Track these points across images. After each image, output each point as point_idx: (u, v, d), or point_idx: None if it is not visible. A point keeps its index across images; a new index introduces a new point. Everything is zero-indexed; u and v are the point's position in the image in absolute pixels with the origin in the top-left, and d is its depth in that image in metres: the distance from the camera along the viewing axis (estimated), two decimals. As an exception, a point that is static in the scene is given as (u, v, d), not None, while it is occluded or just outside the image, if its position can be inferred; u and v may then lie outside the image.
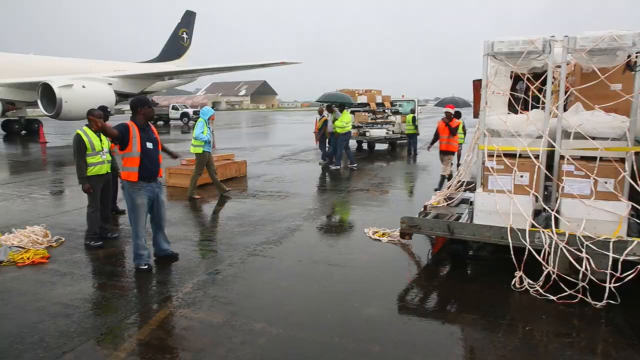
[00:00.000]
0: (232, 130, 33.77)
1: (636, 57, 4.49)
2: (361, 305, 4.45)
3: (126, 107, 56.55)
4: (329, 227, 7.66)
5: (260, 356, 3.59)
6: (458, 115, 13.58)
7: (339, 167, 13.57)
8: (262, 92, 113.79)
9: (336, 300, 4.61)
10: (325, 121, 14.71)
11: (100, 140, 6.54)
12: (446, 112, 10.06)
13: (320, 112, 15.49)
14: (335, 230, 7.42)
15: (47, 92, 23.30)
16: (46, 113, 23.92)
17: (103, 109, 7.99)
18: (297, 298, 4.68)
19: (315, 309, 4.43)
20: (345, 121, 13.78)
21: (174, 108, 45.20)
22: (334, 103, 14.71)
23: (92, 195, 6.47)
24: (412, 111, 18.15)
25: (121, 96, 28.22)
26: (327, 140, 14.74)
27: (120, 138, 5.26)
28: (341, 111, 14.16)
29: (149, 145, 5.40)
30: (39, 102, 23.99)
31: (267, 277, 5.22)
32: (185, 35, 41.49)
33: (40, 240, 6.28)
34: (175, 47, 40.91)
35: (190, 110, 44.57)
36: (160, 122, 43.09)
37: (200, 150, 9.49)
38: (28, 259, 5.66)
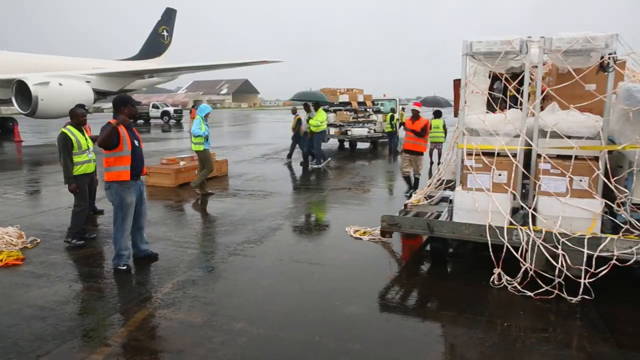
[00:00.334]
0: (213, 129, 33.37)
1: (609, 58, 4.59)
2: (342, 303, 4.46)
3: (105, 105, 55.70)
4: (310, 226, 7.66)
5: (241, 356, 3.57)
6: (439, 114, 13.72)
7: (320, 165, 13.57)
8: (244, 90, 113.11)
9: (317, 299, 4.61)
10: (299, 120, 14.63)
11: (86, 139, 6.46)
12: (412, 110, 9.57)
13: (294, 112, 15.43)
14: (317, 229, 7.42)
15: (22, 90, 22.70)
16: (21, 111, 23.32)
17: (81, 107, 7.84)
18: (278, 297, 4.66)
19: (296, 308, 4.43)
20: (320, 120, 13.75)
21: (155, 107, 44.61)
22: (308, 102, 14.70)
23: (80, 194, 6.36)
24: (393, 110, 18.28)
25: (100, 94, 27.70)
26: (298, 140, 14.66)
27: (115, 139, 5.21)
28: (316, 110, 14.11)
29: (136, 142, 5.43)
30: (13, 99, 23.39)
31: (248, 277, 5.20)
32: (165, 33, 40.94)
33: (14, 241, 6.12)
34: (156, 44, 40.34)
35: (171, 109, 44.05)
36: (141, 121, 42.50)
37: (201, 147, 9.53)
38: (1, 260, 5.52)
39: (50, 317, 4.17)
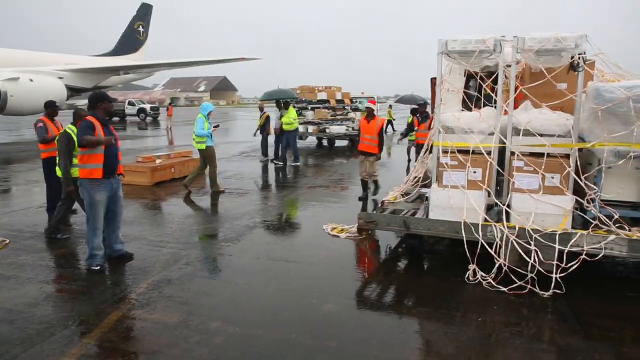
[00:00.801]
0: (190, 126, 33.11)
1: (579, 58, 4.70)
2: (319, 301, 4.46)
3: (79, 102, 54.45)
4: (288, 224, 7.64)
5: (217, 355, 3.54)
6: (415, 112, 13.84)
7: (298, 163, 13.54)
8: (222, 88, 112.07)
9: (294, 297, 4.60)
10: (268, 118, 14.46)
11: None
12: (367, 108, 8.89)
13: (261, 109, 15.13)
14: (294, 227, 7.40)
15: (-10, 86, 22.02)
16: (-11, 108, 22.62)
17: (51, 104, 7.65)
18: (255, 296, 4.64)
19: (272, 306, 4.41)
20: (292, 117, 13.65)
21: (130, 104, 43.86)
22: (278, 99, 14.62)
23: (75, 195, 6.21)
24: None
25: (73, 91, 27.05)
26: (267, 137, 14.50)
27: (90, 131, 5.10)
28: (286, 108, 13.97)
29: (112, 141, 5.30)
30: (-20, 96, 22.65)
31: (225, 275, 5.15)
32: (141, 29, 40.21)
33: (-18, 242, 5.94)
34: (131, 40, 39.58)
35: (147, 106, 43.36)
36: (116, 118, 41.72)
37: (203, 146, 9.56)
38: (-32, 262, 5.35)
39: (18, 320, 4.05)
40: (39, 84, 22.99)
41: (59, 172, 6.39)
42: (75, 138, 6.07)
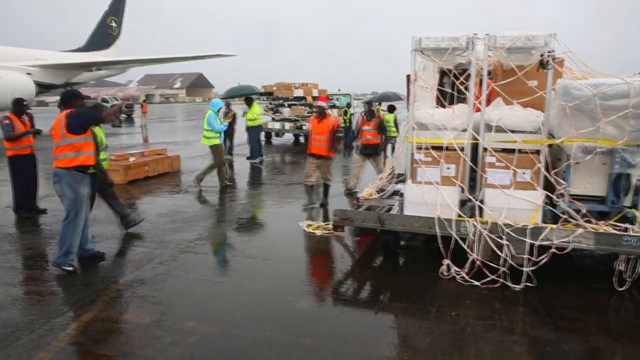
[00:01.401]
0: (166, 124, 32.62)
1: (548, 56, 4.79)
2: (295, 299, 4.45)
3: (49, 99, 53.01)
4: (264, 221, 7.59)
5: (191, 355, 3.49)
6: (392, 109, 13.93)
7: (256, 161, 13.25)
8: (198, 84, 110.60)
9: (270, 295, 4.58)
10: (234, 116, 14.23)
11: (104, 137, 6.39)
12: (318, 107, 8.04)
13: (228, 106, 14.92)
14: (270, 225, 7.36)
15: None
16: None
17: (19, 102, 7.41)
18: (230, 294, 4.60)
19: (248, 304, 4.38)
20: (256, 113, 13.49)
21: (104, 101, 42.80)
22: (240, 96, 14.47)
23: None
24: (348, 105, 18.42)
25: (43, 87, 26.32)
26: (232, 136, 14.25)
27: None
28: (249, 104, 13.75)
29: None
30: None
31: (199, 274, 5.09)
32: (114, 24, 39.32)
33: (-55, 244, 5.73)
34: (104, 36, 38.66)
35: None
36: (88, 115, 40.75)
37: (216, 141, 9.65)
38: None
39: (-17, 324, 3.92)
40: (4, 79, 22.29)
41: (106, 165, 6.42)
42: (95, 133, 6.02)
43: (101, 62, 32.64)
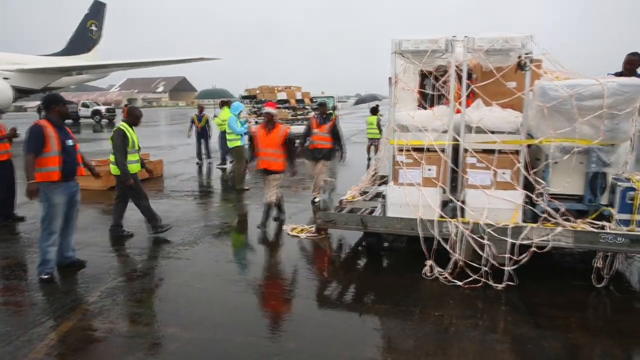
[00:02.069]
0: (149, 128, 32.21)
1: (525, 57, 4.87)
2: (279, 302, 4.44)
3: (28, 104, 52.08)
4: (248, 225, 7.55)
5: (172, 363, 3.45)
6: (375, 111, 14.01)
7: (225, 166, 13.06)
8: (181, 88, 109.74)
9: (253, 299, 4.56)
10: (207, 121, 14.08)
11: (137, 139, 6.51)
12: (266, 114, 6.88)
13: (201, 110, 14.55)
14: (254, 229, 7.29)
15: None
16: None
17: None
18: (213, 299, 4.56)
19: (231, 309, 4.35)
20: (222, 118, 12.96)
21: (85, 105, 42.29)
22: (214, 99, 14.36)
23: (123, 191, 6.51)
24: (334, 108, 18.47)
25: (20, 92, 25.86)
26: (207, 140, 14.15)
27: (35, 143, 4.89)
28: (221, 108, 13.48)
29: (69, 142, 5.15)
30: None
31: (182, 280, 5.04)
32: (94, 28, 38.90)
33: None
34: (84, 39, 38.21)
35: (102, 108, 41.92)
36: (69, 121, 40.17)
37: (237, 143, 9.86)
38: None
39: (-42, 336, 3.82)
40: (-19, 84, 21.86)
41: (114, 170, 6.43)
42: (129, 135, 6.28)
43: (81, 66, 32.28)
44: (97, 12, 39.18)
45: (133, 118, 6.53)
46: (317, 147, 8.33)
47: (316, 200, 8.57)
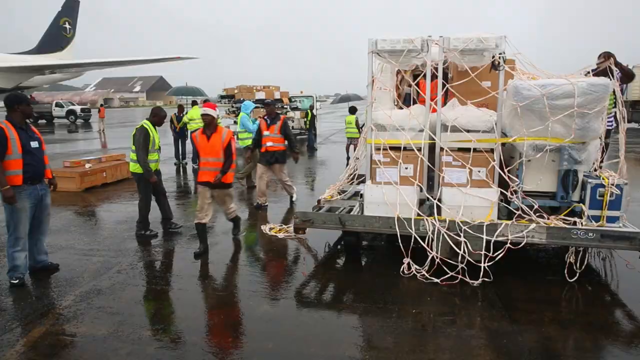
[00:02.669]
0: (125, 128, 31.68)
1: (499, 57, 4.95)
2: (256, 303, 4.42)
3: (-1, 104, 50.67)
4: (225, 225, 7.48)
5: (149, 366, 3.41)
6: (353, 110, 14.08)
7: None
8: (158, 88, 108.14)
9: (231, 300, 4.53)
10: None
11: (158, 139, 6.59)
12: (204, 116, 5.70)
13: (180, 110, 14.27)
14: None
15: None
16: None
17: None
18: (191, 301, 4.51)
19: (208, 310, 4.32)
20: (188, 117, 13.09)
21: (58, 105, 41.34)
22: (185, 97, 14.22)
23: (145, 189, 6.54)
24: (311, 107, 18.50)
25: (-10, 92, 25.15)
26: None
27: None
28: (192, 106, 13.43)
29: (34, 144, 4.96)
30: None
31: (159, 282, 4.97)
32: (67, 25, 38.04)
33: None
34: (57, 37, 37.32)
35: (77, 108, 41.03)
36: (43, 121, 39.23)
37: (250, 142, 9.48)
38: None
39: None
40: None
41: (133, 167, 6.51)
42: (151, 135, 6.38)
43: (54, 65, 31.56)
44: (70, 9, 38.32)
45: (158, 118, 6.57)
46: (269, 150, 7.85)
47: (259, 202, 8.17)
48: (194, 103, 13.72)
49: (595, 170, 5.26)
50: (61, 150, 18.36)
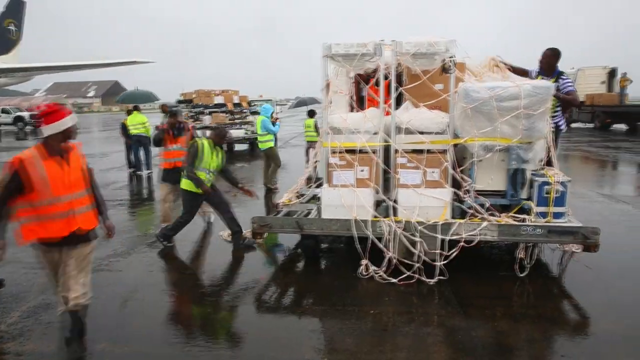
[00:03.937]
0: (79, 135, 30.58)
1: (449, 61, 5.09)
2: (215, 309, 4.36)
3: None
4: (183, 232, 7.32)
5: (101, 381, 3.29)
6: (312, 114, 14.11)
7: (142, 173, 12.52)
8: (114, 92, 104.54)
9: (189, 308, 4.45)
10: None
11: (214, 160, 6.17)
12: (53, 137, 3.75)
13: (129, 113, 13.51)
14: (190, 235, 7.10)
15: None
16: None
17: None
18: (147, 310, 4.40)
19: (166, 320, 4.22)
20: (131, 123, 12.55)
21: (5, 111, 39.36)
22: (131, 103, 13.90)
23: (190, 209, 6.24)
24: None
25: None
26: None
27: None
28: (134, 112, 12.95)
29: None
30: None
31: (113, 293, 4.81)
32: (13, 27, 36.27)
33: None
34: (1, 40, 35.54)
35: (26, 114, 39.18)
36: (-13, 129, 37.25)
37: (271, 144, 10.20)
38: None
39: None
40: None
41: (185, 184, 6.14)
42: (200, 152, 6.04)
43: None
44: (15, 11, 36.57)
45: (218, 139, 6.23)
46: (177, 166, 6.70)
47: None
48: (136, 108, 13.25)
49: (542, 168, 5.49)
50: (8, 158, 17.49)
